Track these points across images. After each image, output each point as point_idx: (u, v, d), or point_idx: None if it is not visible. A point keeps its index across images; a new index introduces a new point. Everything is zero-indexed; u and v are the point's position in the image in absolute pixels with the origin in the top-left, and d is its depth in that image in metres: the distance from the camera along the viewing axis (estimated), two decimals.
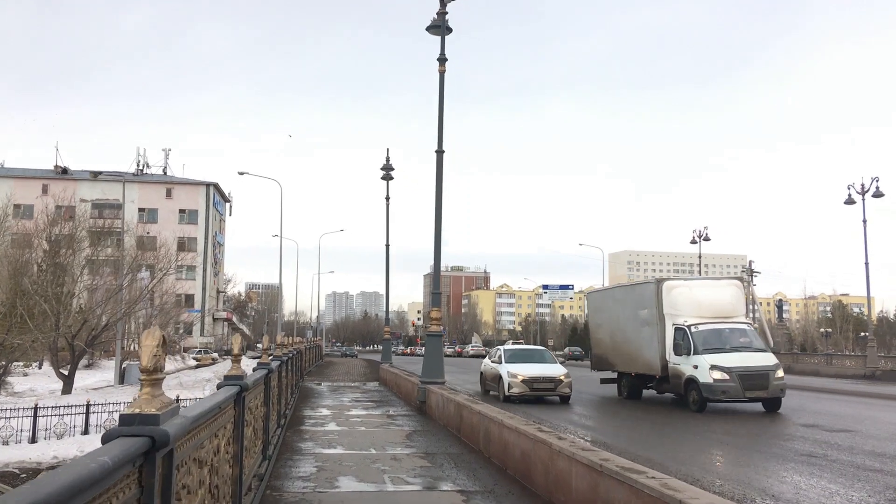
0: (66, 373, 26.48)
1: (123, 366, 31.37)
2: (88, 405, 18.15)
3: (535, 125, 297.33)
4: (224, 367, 36.22)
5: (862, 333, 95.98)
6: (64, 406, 18.40)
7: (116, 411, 18.36)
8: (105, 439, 2.27)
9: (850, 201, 35.20)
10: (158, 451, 2.46)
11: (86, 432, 17.67)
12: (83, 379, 32.59)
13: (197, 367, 43.31)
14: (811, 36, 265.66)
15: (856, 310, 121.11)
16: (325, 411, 14.81)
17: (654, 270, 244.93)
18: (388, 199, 30.98)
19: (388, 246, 31.23)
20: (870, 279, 34.91)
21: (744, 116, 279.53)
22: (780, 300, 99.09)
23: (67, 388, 25.50)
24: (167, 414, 2.52)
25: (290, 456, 9.09)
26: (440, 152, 15.53)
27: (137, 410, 2.44)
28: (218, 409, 4.16)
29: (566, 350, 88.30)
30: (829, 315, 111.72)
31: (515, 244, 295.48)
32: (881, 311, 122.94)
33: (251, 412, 6.43)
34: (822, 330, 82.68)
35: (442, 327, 15.30)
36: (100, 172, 35.74)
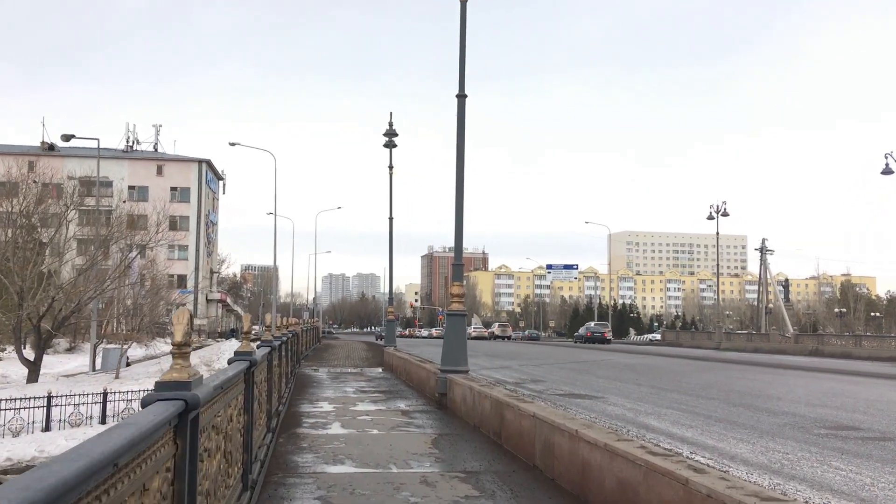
0: (31, 358, 23.98)
1: (99, 350, 28.84)
2: (50, 397, 15.68)
3: (537, 105, 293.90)
4: (211, 351, 33.84)
5: (873, 314, 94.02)
6: (20, 398, 15.86)
7: (84, 403, 16.03)
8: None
9: (887, 171, 32.71)
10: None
11: (47, 429, 15.23)
12: (62, 364, 30.29)
13: None
14: (817, 17, 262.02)
15: (863, 290, 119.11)
16: (326, 406, 12.37)
17: (654, 251, 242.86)
18: (391, 167, 28.48)
19: (391, 219, 28.74)
20: None
21: (756, 96, 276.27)
22: (787, 280, 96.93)
23: (33, 376, 23.02)
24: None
25: (283, 478, 6.64)
26: (462, 96, 13.01)
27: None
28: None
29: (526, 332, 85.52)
30: (837, 296, 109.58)
31: (514, 225, 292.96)
32: (888, 292, 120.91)
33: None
34: (836, 310, 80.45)
35: (465, 305, 12.81)
36: (72, 136, 32.94)
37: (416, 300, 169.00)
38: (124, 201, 50.88)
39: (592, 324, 63.09)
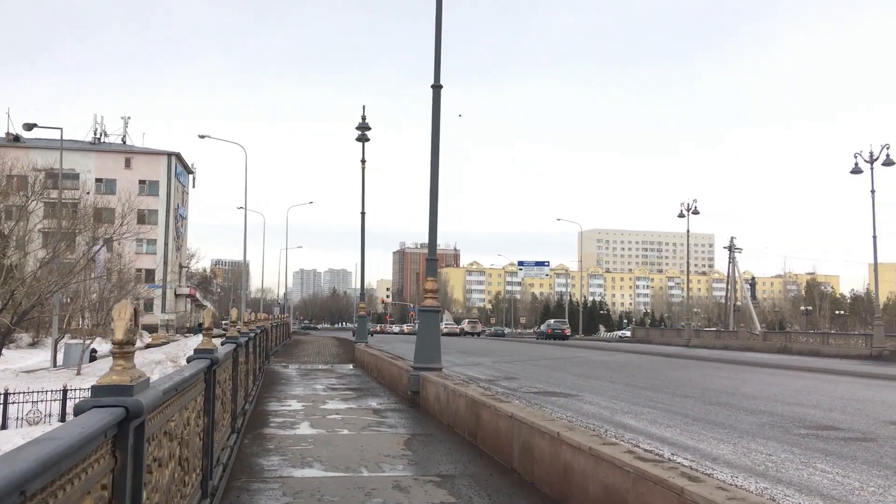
0: None
1: (62, 346, 28.03)
2: (6, 394, 15.08)
3: (510, 102, 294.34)
4: (177, 347, 33.11)
5: (837, 312, 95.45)
6: None
7: (42, 401, 15.45)
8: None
9: (856, 170, 32.97)
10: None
11: (3, 427, 14.65)
12: (23, 359, 29.42)
13: (147, 346, 39.77)
14: (785, 19, 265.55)
15: (827, 288, 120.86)
16: (295, 404, 11.98)
17: (624, 249, 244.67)
18: (363, 161, 28.05)
19: (363, 213, 28.33)
20: (877, 254, 32.70)
21: (726, 95, 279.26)
22: (753, 278, 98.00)
23: None
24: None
25: (247, 483, 6.27)
26: (437, 87, 12.67)
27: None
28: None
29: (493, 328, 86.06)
30: (803, 294, 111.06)
31: (485, 222, 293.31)
32: (852, 290, 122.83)
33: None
34: (802, 308, 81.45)
35: (438, 301, 12.48)
36: (34, 125, 32.04)
37: (387, 296, 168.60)
38: (88, 192, 49.65)
39: (552, 321, 67.95)
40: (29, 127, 32.03)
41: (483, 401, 8.23)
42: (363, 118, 27.06)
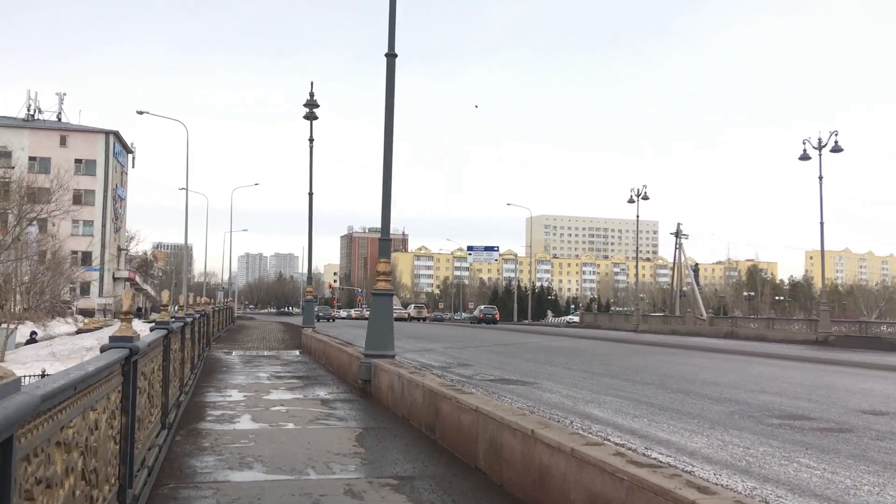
0: None
1: None
2: None
3: (458, 89, 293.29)
4: (110, 332, 31.70)
5: (777, 297, 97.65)
6: None
7: None
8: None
9: (804, 157, 33.18)
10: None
11: None
12: None
13: (78, 332, 37.89)
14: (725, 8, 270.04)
15: (766, 275, 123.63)
16: (236, 394, 11.12)
17: (571, 235, 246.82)
18: (311, 140, 26.99)
19: (311, 194, 27.26)
20: (824, 240, 33.02)
21: (673, 83, 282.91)
22: (696, 265, 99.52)
23: None
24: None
25: (175, 490, 5.45)
26: (391, 55, 11.85)
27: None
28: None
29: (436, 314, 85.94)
30: (744, 280, 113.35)
31: (433, 208, 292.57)
32: (791, 277, 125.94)
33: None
34: (745, 294, 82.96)
35: (391, 285, 11.73)
36: None
37: (335, 281, 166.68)
38: (12, 167, 47.21)
39: (483, 307, 74.41)
40: None
41: (443, 392, 7.53)
42: (311, 95, 26.03)
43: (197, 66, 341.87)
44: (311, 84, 26.12)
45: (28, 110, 75.99)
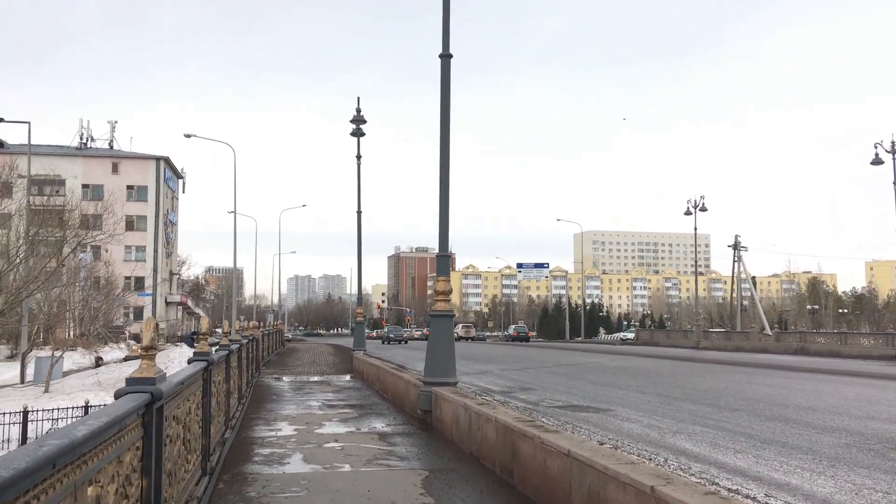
0: None
1: (32, 358, 25.98)
2: None
3: (501, 105, 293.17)
4: (157, 359, 31.21)
5: (841, 310, 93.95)
6: None
7: (0, 424, 13.61)
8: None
9: (877, 161, 31.36)
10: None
11: None
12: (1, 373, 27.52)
13: (126, 359, 37.49)
14: (777, 14, 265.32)
15: (827, 287, 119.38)
16: (286, 428, 10.20)
17: (620, 250, 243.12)
18: (359, 157, 26.24)
19: (359, 212, 26.50)
20: None
21: (723, 94, 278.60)
22: (753, 278, 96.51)
23: None
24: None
25: None
26: (446, 56, 10.95)
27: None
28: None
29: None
30: (804, 292, 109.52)
31: (480, 226, 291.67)
32: (853, 288, 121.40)
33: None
34: (808, 307, 79.84)
35: (451, 304, 10.74)
36: (0, 119, 30.24)
37: (383, 301, 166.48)
38: (57, 191, 47.58)
39: (515, 326, 79.93)
40: None
41: (522, 430, 6.48)
42: (357, 111, 25.31)
43: (243, 90, 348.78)
44: (358, 100, 25.44)
45: (81, 138, 77.41)
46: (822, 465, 7.58)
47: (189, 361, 6.47)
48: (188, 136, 39.25)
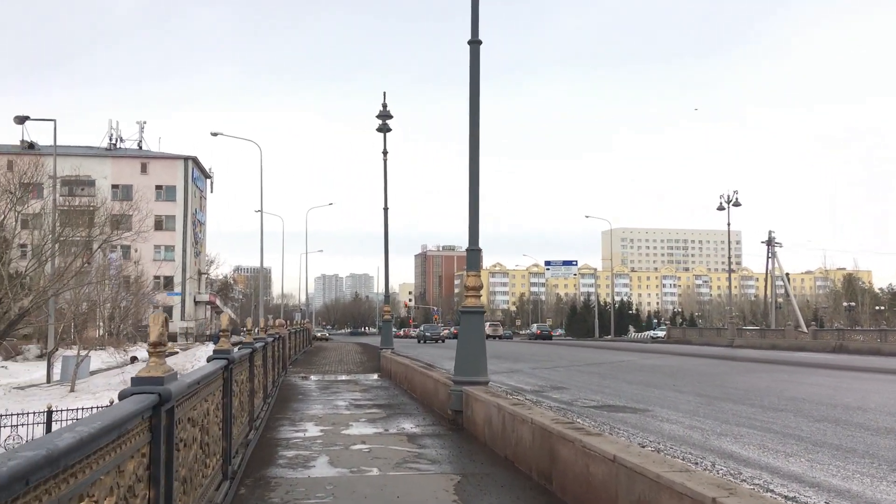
0: None
1: (59, 358, 25.95)
2: None
3: (522, 104, 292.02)
4: (183, 358, 31.16)
5: (878, 307, 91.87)
6: None
7: (24, 424, 13.45)
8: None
9: None
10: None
11: None
12: (28, 373, 27.64)
13: None
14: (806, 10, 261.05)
15: (863, 283, 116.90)
16: (311, 429, 9.86)
17: (648, 247, 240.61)
18: (385, 153, 25.91)
19: (386, 209, 26.18)
20: None
21: (748, 90, 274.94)
22: (787, 275, 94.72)
23: None
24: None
25: None
26: (475, 43, 10.53)
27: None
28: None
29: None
30: (839, 289, 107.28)
31: (505, 224, 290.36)
32: (889, 285, 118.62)
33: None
34: (845, 304, 78.17)
35: (481, 301, 10.33)
36: (27, 118, 30.38)
37: (410, 300, 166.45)
38: (83, 190, 47.82)
39: (538, 324, 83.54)
40: (21, 119, 30.35)
41: (561, 432, 6.05)
42: (384, 106, 24.95)
43: (270, 90, 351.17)
44: (384, 95, 25.06)
45: (110, 139, 78.15)
46: (881, 469, 7.06)
47: (209, 359, 6.09)
48: (215, 134, 39.30)
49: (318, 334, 76.78)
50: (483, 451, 8.08)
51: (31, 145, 73.72)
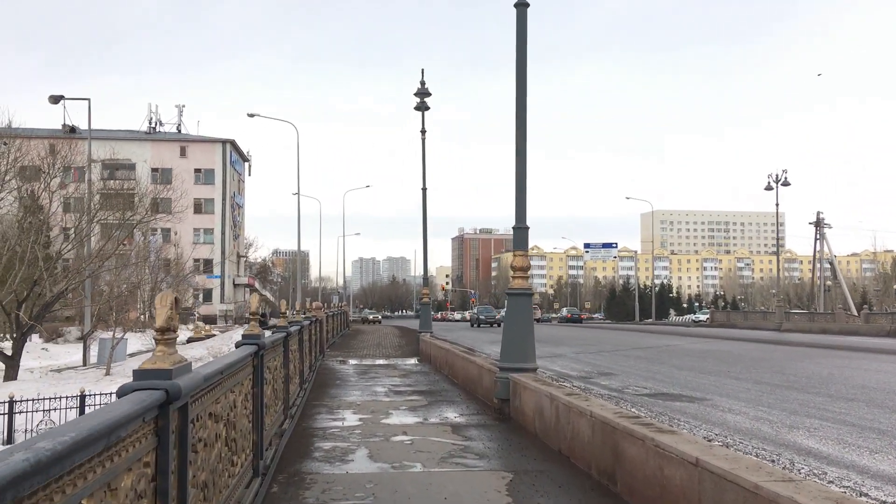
0: (10, 353, 21.08)
1: (94, 340, 25.83)
2: (12, 402, 12.83)
3: (560, 89, 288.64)
4: (220, 341, 31.00)
5: None
6: None
7: (56, 409, 13.17)
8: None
9: None
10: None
11: (9, 441, 12.36)
12: (68, 355, 27.72)
13: (189, 340, 37.32)
14: None
15: None
16: (350, 417, 9.33)
17: (688, 230, 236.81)
18: (423, 132, 25.28)
19: (424, 189, 25.56)
20: None
21: (779, 77, 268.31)
22: (834, 257, 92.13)
23: (11, 373, 20.14)
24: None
25: None
26: (522, 5, 9.79)
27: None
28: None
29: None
30: (888, 271, 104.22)
31: (542, 207, 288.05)
32: None
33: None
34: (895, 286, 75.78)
35: (529, 282, 9.68)
36: (61, 97, 30.28)
37: (447, 283, 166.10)
38: (116, 169, 47.90)
39: (568, 308, 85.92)
40: (55, 99, 30.27)
41: (627, 428, 5.40)
42: (422, 83, 24.29)
43: (308, 73, 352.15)
44: (422, 72, 24.40)
45: (150, 123, 78.62)
46: None
47: (237, 345, 5.49)
48: (251, 115, 38.98)
49: (371, 317, 76.36)
50: (534, 445, 7.46)
51: (73, 129, 74.69)
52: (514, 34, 9.93)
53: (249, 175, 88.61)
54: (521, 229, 9.71)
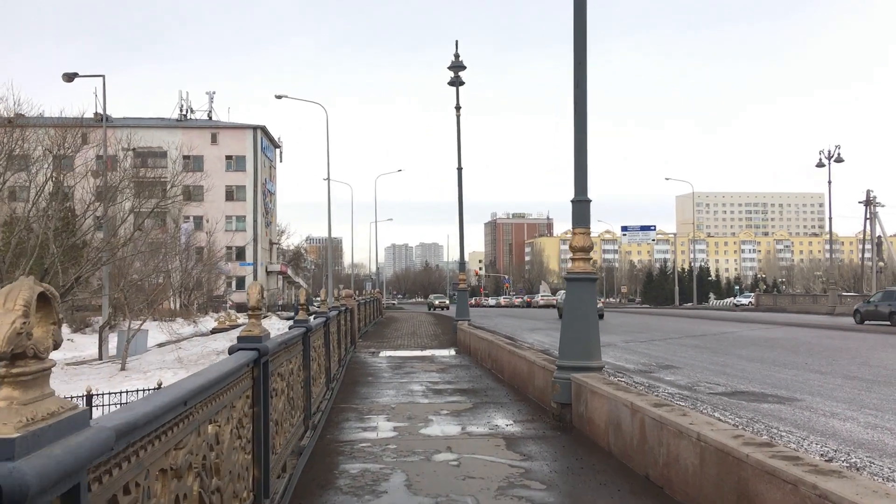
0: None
1: (112, 332, 24.71)
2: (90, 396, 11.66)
3: (596, 71, 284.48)
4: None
5: None
6: None
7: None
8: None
9: None
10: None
11: None
12: (93, 346, 26.73)
13: (213, 331, 36.15)
14: None
15: None
16: (382, 425, 7.93)
17: (725, 212, 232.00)
18: (458, 108, 23.76)
19: (460, 169, 24.03)
20: None
21: (813, 57, 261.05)
22: (879, 238, 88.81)
23: None
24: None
25: None
26: None
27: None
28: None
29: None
30: None
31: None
32: None
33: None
34: None
35: (593, 265, 8.17)
36: (75, 74, 29.28)
37: (480, 268, 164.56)
38: (138, 151, 46.96)
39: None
40: (69, 77, 29.27)
41: (762, 463, 3.90)
42: (456, 56, 22.74)
43: (339, 58, 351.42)
44: (456, 44, 22.83)
45: (181, 110, 78.01)
46: None
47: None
48: (279, 96, 37.80)
49: (437, 301, 74.00)
50: (611, 467, 5.98)
51: (107, 118, 74.45)
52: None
53: (281, 161, 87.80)
54: (581, 202, 8.20)
